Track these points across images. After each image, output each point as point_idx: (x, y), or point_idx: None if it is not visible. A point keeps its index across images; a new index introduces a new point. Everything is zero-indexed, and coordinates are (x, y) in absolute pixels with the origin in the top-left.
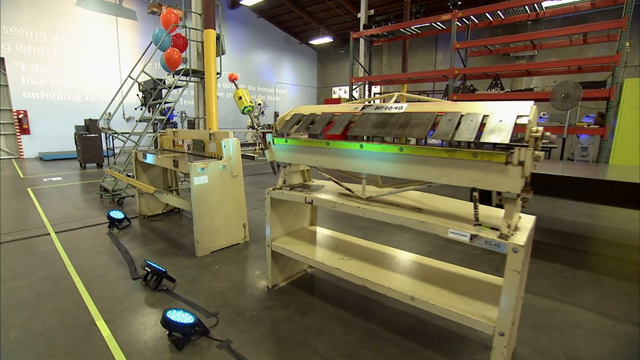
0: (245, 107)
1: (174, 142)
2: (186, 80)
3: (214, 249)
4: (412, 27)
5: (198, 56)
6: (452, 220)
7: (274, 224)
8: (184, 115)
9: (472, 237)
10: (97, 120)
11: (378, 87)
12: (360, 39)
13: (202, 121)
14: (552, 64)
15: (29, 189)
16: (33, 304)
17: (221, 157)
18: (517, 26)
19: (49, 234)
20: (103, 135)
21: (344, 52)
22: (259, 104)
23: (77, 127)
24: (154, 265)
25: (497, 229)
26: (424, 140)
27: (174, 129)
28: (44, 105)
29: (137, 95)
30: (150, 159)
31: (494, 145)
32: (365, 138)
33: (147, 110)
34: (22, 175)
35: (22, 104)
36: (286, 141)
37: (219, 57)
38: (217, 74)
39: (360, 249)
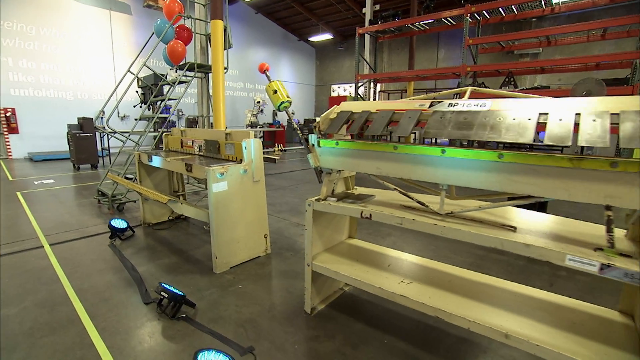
0: (282, 103)
1: (182, 142)
2: (191, 76)
3: (234, 263)
4: (420, 23)
5: (202, 50)
6: (565, 244)
7: (313, 240)
8: (180, 113)
9: (604, 267)
10: (91, 118)
11: (377, 85)
12: (366, 34)
13: (206, 120)
14: (569, 60)
15: (18, 193)
16: (26, 340)
17: (240, 160)
18: (520, 23)
19: (43, 246)
20: (97, 134)
21: (344, 50)
22: (258, 102)
23: (69, 125)
24: (170, 288)
25: (630, 256)
26: (528, 146)
27: (181, 128)
28: (33, 102)
29: (137, 91)
30: (157, 161)
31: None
32: (434, 141)
33: (147, 107)
34: (10, 178)
35: (9, 102)
36: (337, 144)
37: (225, 51)
38: (224, 68)
39: (416, 268)
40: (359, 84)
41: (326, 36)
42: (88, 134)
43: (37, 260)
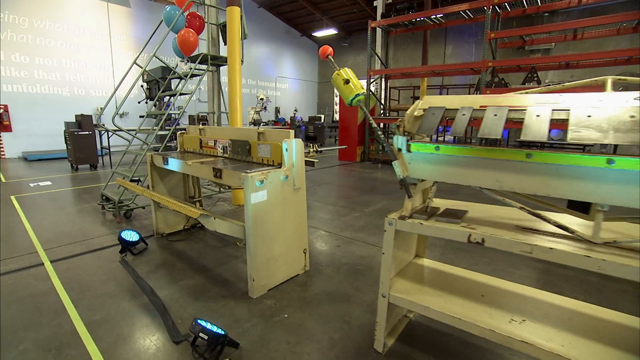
0: (356, 96)
1: (201, 142)
2: (203, 69)
3: (272, 285)
4: (437, 16)
5: (212, 41)
6: None
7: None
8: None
9: None
10: (90, 115)
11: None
12: (377, 28)
13: (216, 117)
14: (598, 55)
15: (12, 197)
16: None
17: (279, 164)
18: (532, 18)
19: (43, 263)
20: (97, 132)
21: (348, 45)
22: (261, 99)
23: (67, 123)
24: (209, 327)
25: None
26: None
27: (200, 126)
28: (27, 99)
29: (142, 86)
30: (174, 165)
31: None
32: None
33: (153, 104)
34: (3, 180)
35: (2, 98)
36: (437, 149)
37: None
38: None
39: (518, 299)
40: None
41: (330, 31)
42: (87, 132)
43: (36, 282)
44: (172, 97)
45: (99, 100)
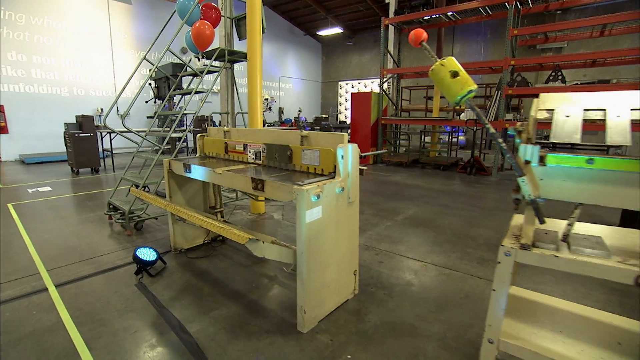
0: (468, 93)
1: (226, 146)
2: (219, 66)
3: (323, 315)
4: (453, 13)
5: (226, 37)
6: None
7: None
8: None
9: None
10: (91, 116)
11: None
12: (390, 25)
13: (230, 118)
14: (625, 52)
15: (9, 205)
16: None
17: (330, 174)
18: (544, 16)
19: (47, 289)
20: (99, 134)
21: (352, 45)
22: (266, 99)
23: (67, 125)
24: None
25: None
26: None
27: (224, 128)
28: (24, 99)
29: (150, 84)
30: (199, 173)
31: None
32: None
33: (164, 103)
34: (0, 185)
35: None
36: (590, 161)
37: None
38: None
39: None
40: (372, 79)
41: (335, 30)
42: (88, 134)
43: (40, 314)
44: (183, 96)
45: (99, 100)
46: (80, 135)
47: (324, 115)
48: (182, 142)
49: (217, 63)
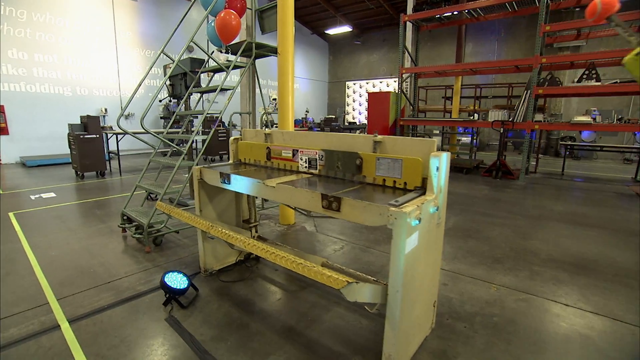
0: None
1: (269, 152)
2: (244, 62)
3: (407, 359)
4: (477, 9)
5: (248, 29)
6: None
7: None
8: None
9: None
10: (97, 117)
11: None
12: (408, 23)
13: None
14: None
15: (11, 215)
16: None
17: (418, 189)
18: (561, 13)
19: (59, 325)
20: (104, 135)
21: (360, 44)
22: (274, 99)
23: (71, 126)
24: None
25: None
26: None
27: (265, 130)
28: (25, 99)
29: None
30: (241, 185)
31: None
32: None
33: (184, 101)
34: (0, 191)
35: None
36: None
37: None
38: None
39: None
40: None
41: (344, 29)
42: (94, 136)
43: None
44: (217, 93)
45: (103, 100)
46: (86, 136)
47: (331, 116)
48: (205, 146)
49: (249, 60)
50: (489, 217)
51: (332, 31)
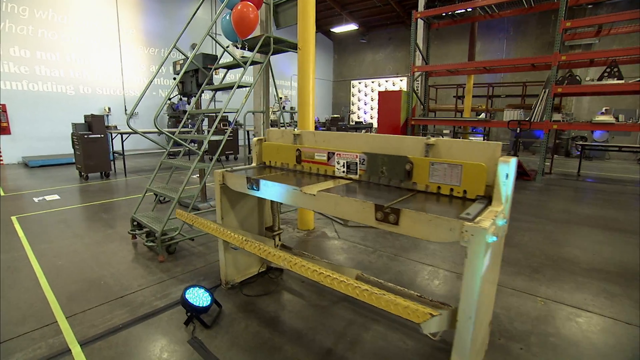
0: None
1: (299, 154)
2: (260, 60)
3: None
4: (491, 5)
5: (261, 25)
6: None
7: None
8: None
9: None
10: (101, 116)
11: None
12: (419, 20)
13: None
14: None
15: (14, 219)
16: None
17: (479, 198)
18: (573, 11)
19: (69, 349)
20: (109, 135)
21: (366, 42)
22: (280, 98)
23: (75, 125)
24: None
25: None
26: None
27: (294, 130)
28: (27, 98)
29: (174, 79)
30: (274, 192)
31: None
32: None
33: (196, 99)
34: (2, 193)
35: None
36: None
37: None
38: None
39: None
40: (386, 78)
41: (349, 27)
42: (99, 135)
43: None
44: (234, 90)
45: (106, 99)
46: (90, 136)
47: (336, 115)
48: (222, 147)
49: (266, 56)
50: (515, 222)
51: (337, 29)
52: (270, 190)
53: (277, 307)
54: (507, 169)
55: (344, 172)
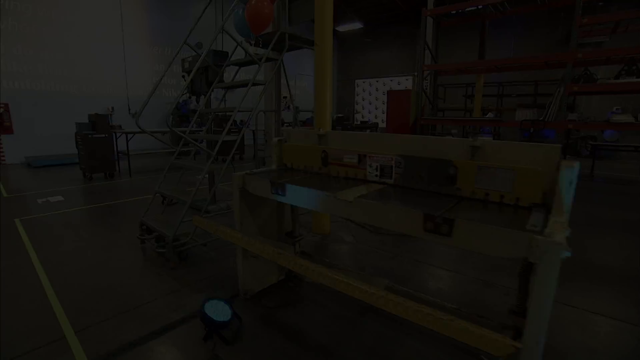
0: None
1: (325, 156)
2: (275, 58)
3: None
4: (503, 2)
5: (274, 21)
6: None
7: None
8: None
9: None
10: (105, 115)
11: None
12: (428, 18)
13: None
14: None
15: (17, 222)
16: None
17: (533, 207)
18: (584, 8)
19: None
20: (114, 135)
21: (371, 41)
22: (284, 97)
23: (79, 124)
24: None
25: None
26: None
27: (319, 130)
28: (30, 97)
29: (183, 76)
30: (303, 198)
31: None
32: None
33: (206, 98)
34: (5, 194)
35: (2, 96)
36: None
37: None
38: (315, 44)
39: None
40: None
41: (354, 25)
42: (103, 135)
43: None
44: (248, 88)
45: (110, 99)
46: (94, 136)
47: (340, 115)
48: (235, 148)
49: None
50: None
51: (341, 28)
52: (298, 195)
53: (299, 320)
54: (572, 174)
55: (377, 175)
